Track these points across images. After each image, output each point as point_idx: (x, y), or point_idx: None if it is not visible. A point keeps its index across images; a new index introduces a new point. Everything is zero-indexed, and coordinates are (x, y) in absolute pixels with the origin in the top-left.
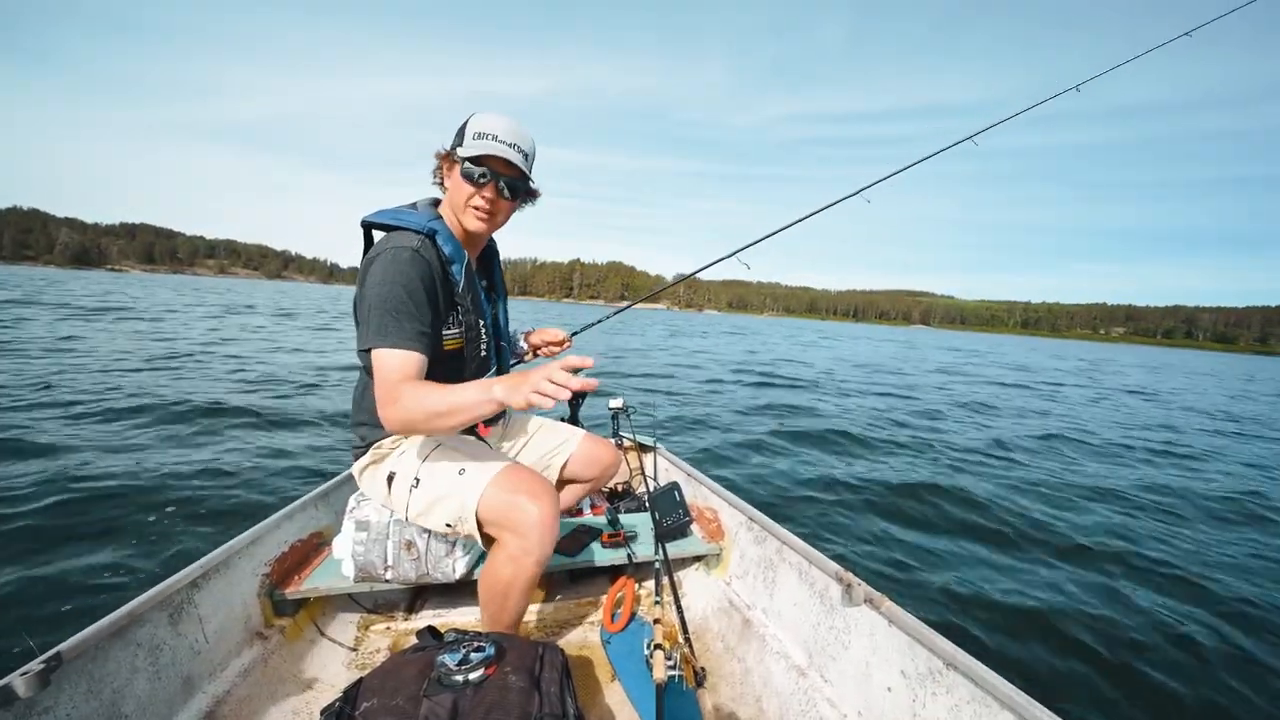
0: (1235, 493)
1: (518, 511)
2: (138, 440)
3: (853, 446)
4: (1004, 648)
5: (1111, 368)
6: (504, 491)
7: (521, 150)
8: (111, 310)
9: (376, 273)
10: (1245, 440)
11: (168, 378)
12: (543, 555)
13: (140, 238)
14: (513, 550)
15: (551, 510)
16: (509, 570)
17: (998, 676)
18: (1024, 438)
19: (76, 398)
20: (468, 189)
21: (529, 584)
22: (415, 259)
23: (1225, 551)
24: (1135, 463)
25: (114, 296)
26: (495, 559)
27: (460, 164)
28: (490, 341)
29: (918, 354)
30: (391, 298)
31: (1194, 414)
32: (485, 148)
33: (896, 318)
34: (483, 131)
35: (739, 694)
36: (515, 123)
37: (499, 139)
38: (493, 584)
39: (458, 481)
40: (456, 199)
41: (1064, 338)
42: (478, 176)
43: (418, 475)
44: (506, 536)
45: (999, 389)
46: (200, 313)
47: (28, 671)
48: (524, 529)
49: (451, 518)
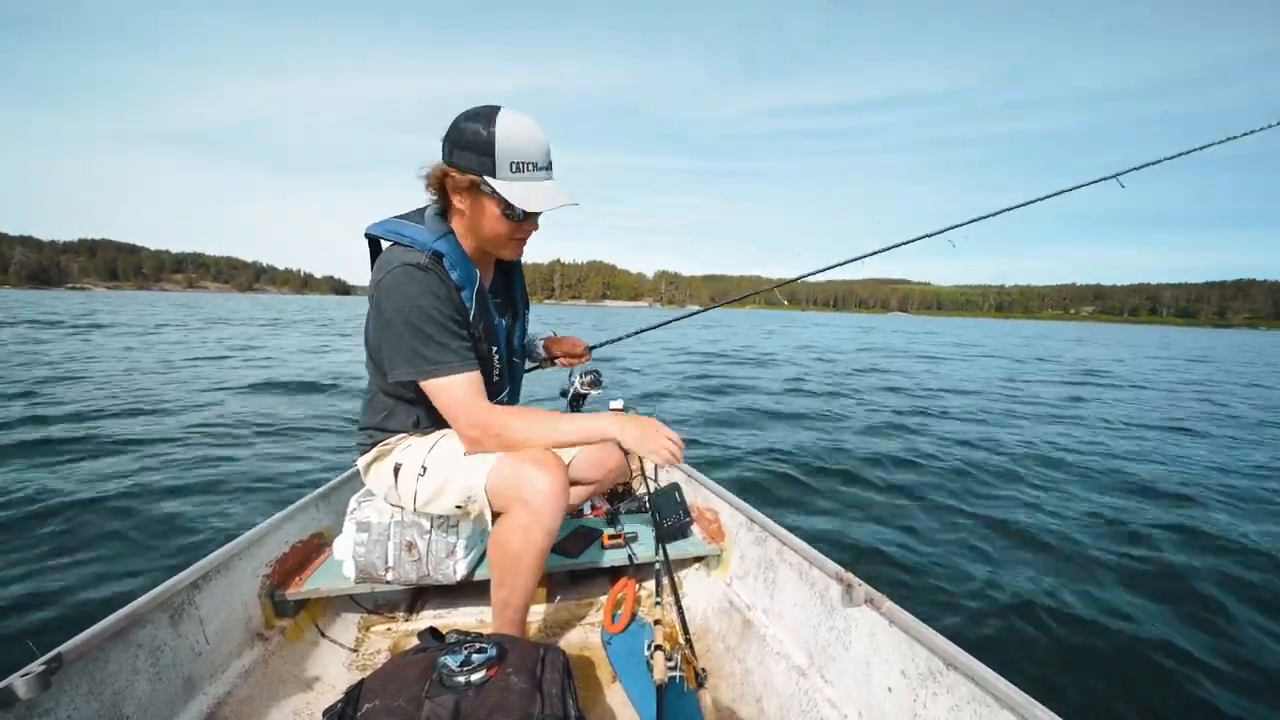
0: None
1: (526, 483)
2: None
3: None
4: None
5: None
6: (512, 464)
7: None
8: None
9: (399, 293)
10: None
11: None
12: (552, 525)
13: (102, 254)
14: (522, 520)
15: (561, 481)
16: (518, 540)
17: (998, 676)
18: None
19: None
20: (506, 225)
21: (539, 556)
22: (430, 275)
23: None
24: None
25: (162, 314)
26: (503, 528)
27: (498, 201)
28: (504, 365)
29: (871, 338)
30: (427, 318)
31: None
32: (534, 191)
33: (875, 305)
34: (521, 161)
35: (740, 695)
36: (541, 131)
37: (538, 166)
38: (502, 556)
39: (465, 461)
40: (488, 232)
41: (1037, 319)
42: (522, 216)
43: (425, 463)
44: (516, 507)
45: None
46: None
47: (28, 673)
48: (533, 498)
49: (461, 498)
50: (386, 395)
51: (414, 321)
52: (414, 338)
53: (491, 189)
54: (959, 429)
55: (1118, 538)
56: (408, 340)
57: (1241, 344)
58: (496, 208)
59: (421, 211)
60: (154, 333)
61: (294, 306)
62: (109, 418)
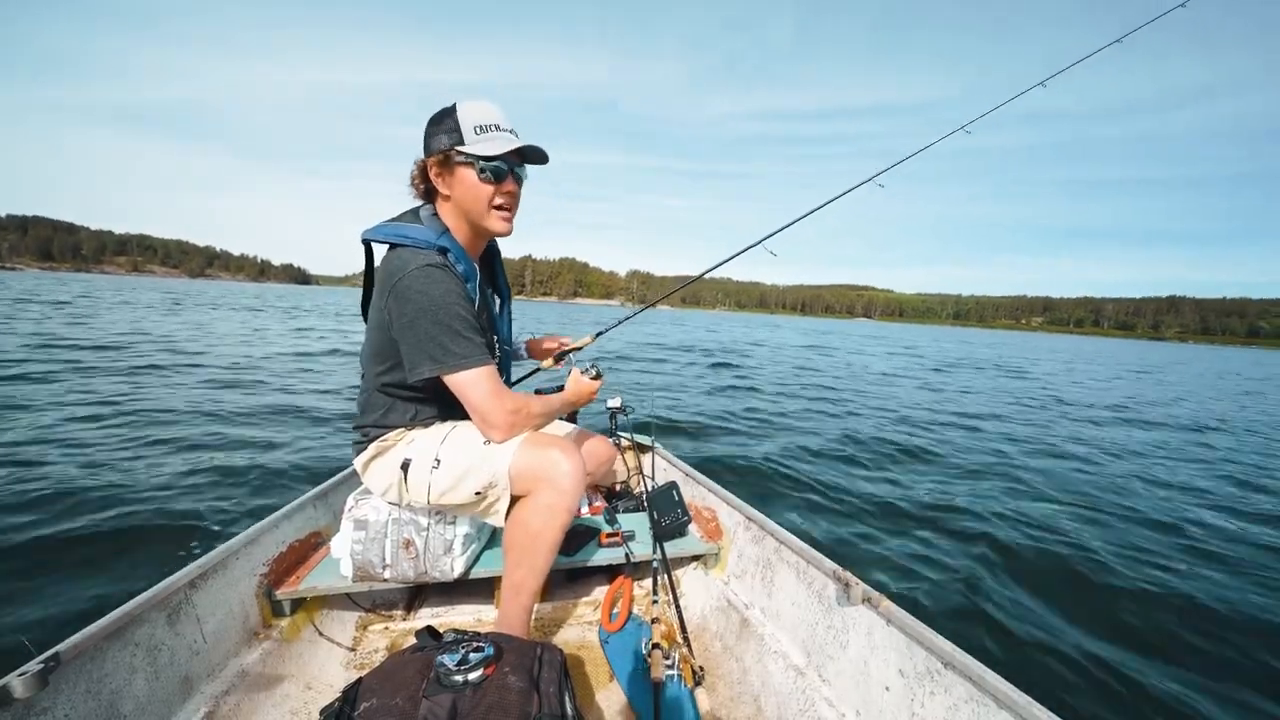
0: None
1: (552, 465)
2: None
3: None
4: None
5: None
6: (537, 448)
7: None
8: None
9: (420, 293)
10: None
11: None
12: (574, 505)
13: (35, 232)
14: (548, 499)
15: (583, 465)
16: (539, 520)
17: (996, 675)
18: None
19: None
20: (486, 189)
21: (558, 536)
22: (448, 273)
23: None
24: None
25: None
26: (525, 509)
27: (474, 163)
28: (502, 355)
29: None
30: (454, 315)
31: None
32: (500, 140)
33: (841, 311)
34: (483, 124)
35: (737, 693)
36: (500, 109)
37: (501, 128)
38: (522, 536)
39: (485, 450)
40: (472, 203)
41: (991, 328)
42: (498, 173)
43: (438, 456)
44: (541, 487)
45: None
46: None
47: (26, 672)
48: (560, 479)
49: (482, 485)
50: (383, 392)
51: (441, 319)
52: (442, 334)
53: (463, 154)
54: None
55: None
56: (436, 338)
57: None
58: (473, 172)
59: (415, 212)
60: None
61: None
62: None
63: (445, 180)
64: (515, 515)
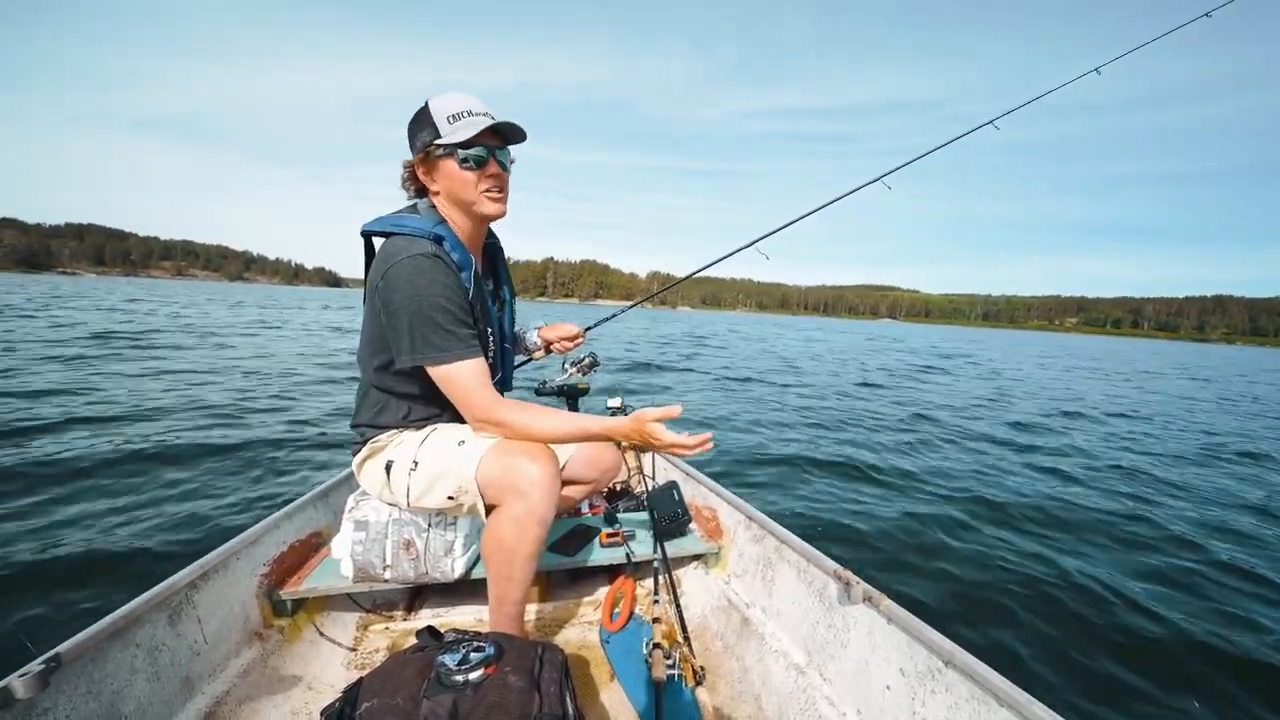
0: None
1: (518, 472)
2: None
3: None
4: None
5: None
6: (503, 455)
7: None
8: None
9: (407, 282)
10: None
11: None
12: (545, 515)
13: (89, 239)
14: (516, 511)
15: (552, 470)
16: (512, 533)
17: (997, 674)
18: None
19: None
20: (469, 176)
21: (534, 548)
22: (438, 264)
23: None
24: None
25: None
26: (497, 522)
27: (454, 154)
28: (497, 349)
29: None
30: (436, 306)
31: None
32: (473, 125)
33: (865, 312)
34: (456, 112)
35: (738, 693)
36: (474, 94)
37: (474, 113)
38: (496, 550)
39: (456, 453)
40: (461, 191)
41: (1022, 328)
42: (476, 159)
43: (416, 458)
44: (509, 498)
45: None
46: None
47: (27, 673)
48: (525, 488)
49: (453, 489)
50: (379, 390)
51: (424, 309)
52: (424, 325)
53: (441, 146)
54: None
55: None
56: (418, 327)
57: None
58: (454, 163)
59: (413, 206)
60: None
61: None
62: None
63: (431, 176)
64: (489, 528)
